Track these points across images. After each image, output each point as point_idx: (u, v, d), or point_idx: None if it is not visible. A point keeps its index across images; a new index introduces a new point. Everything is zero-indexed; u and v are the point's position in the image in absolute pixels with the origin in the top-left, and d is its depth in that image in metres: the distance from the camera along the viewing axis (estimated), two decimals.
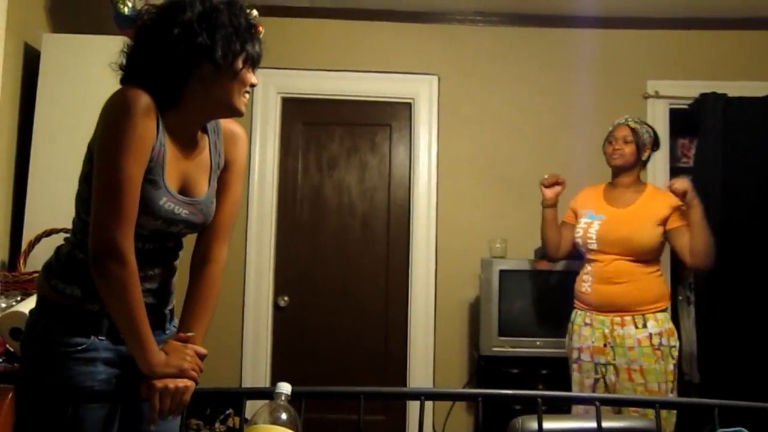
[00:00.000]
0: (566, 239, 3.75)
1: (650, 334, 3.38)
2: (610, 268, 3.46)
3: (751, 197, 4.53)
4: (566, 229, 3.76)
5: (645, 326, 3.39)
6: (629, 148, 3.56)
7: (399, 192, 4.87)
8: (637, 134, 3.57)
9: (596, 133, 3.76)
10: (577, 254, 3.70)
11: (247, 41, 1.85)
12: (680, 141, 5.08)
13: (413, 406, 4.54)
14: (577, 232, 3.63)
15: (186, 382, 1.81)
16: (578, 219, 3.67)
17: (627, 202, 3.57)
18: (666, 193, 3.65)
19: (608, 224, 3.52)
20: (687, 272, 4.97)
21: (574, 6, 4.65)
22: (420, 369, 4.69)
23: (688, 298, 4.99)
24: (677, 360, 3.45)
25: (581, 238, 3.59)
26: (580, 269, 3.64)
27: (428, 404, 4.35)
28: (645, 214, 3.50)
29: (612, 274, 3.46)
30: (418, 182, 4.81)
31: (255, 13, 1.92)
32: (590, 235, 3.54)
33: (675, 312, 4.81)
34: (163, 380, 1.79)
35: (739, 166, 4.57)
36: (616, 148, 3.58)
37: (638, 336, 3.39)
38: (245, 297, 4.70)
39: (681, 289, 5.00)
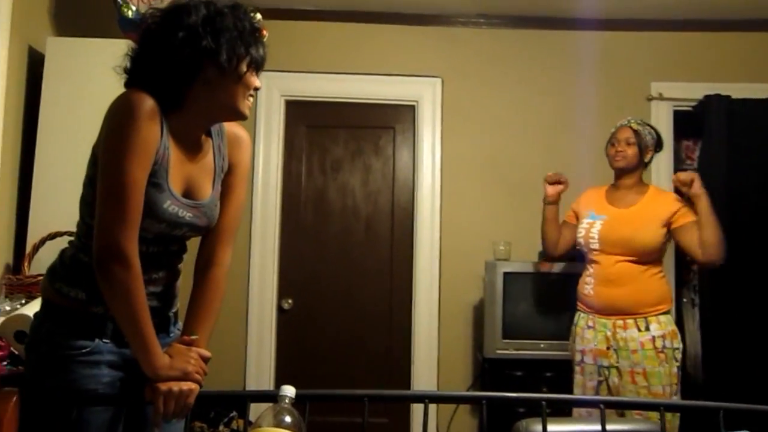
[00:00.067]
0: (565, 238, 3.77)
1: (653, 336, 3.37)
2: (611, 270, 3.46)
3: (755, 199, 4.53)
4: (566, 229, 3.77)
5: (648, 329, 3.38)
6: (632, 149, 3.56)
7: (403, 194, 4.87)
8: (640, 136, 3.57)
9: (600, 136, 3.76)
10: (579, 256, 3.70)
11: (251, 45, 1.86)
12: (684, 143, 5.07)
13: (417, 408, 4.54)
14: (579, 232, 3.63)
15: (190, 385, 1.82)
16: (580, 220, 3.67)
17: (629, 203, 3.57)
18: (668, 193, 3.66)
19: (610, 224, 3.52)
20: (691, 274, 4.96)
21: (577, 8, 4.64)
22: (424, 371, 4.68)
23: (693, 300, 4.97)
24: (681, 362, 3.44)
25: (583, 238, 3.58)
26: (583, 271, 3.64)
27: (432, 407, 4.34)
28: (647, 214, 3.49)
29: (614, 276, 3.45)
30: (422, 185, 4.81)
31: (259, 16, 1.92)
32: (592, 235, 3.54)
33: (679, 314, 4.80)
34: (167, 383, 1.79)
35: (743, 168, 4.57)
36: (619, 150, 3.58)
37: (641, 339, 3.38)
38: (249, 300, 4.70)
39: (685, 291, 4.98)
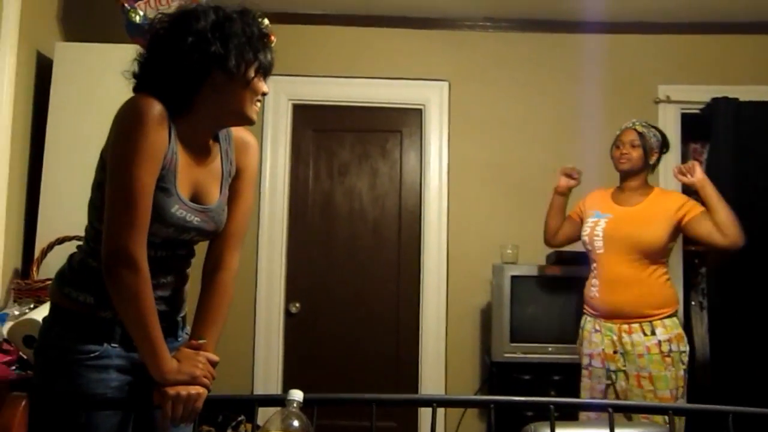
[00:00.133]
0: (564, 231, 3.83)
1: (659, 341, 3.36)
2: (616, 272, 3.45)
3: (764, 201, 4.51)
4: (568, 223, 3.82)
5: (653, 333, 3.37)
6: (636, 152, 3.56)
7: (410, 198, 4.87)
8: (645, 138, 3.57)
9: (607, 139, 3.75)
10: (585, 259, 3.69)
11: (260, 50, 1.86)
12: (692, 146, 5.06)
13: (425, 412, 4.53)
14: (584, 230, 3.64)
15: (198, 389, 1.82)
16: (585, 219, 3.68)
17: (634, 202, 3.57)
18: (672, 191, 3.66)
19: (615, 222, 3.52)
20: (699, 277, 4.96)
21: (584, 11, 4.63)
22: (431, 375, 4.68)
23: (701, 303, 4.97)
24: (687, 365, 3.43)
25: (588, 236, 3.59)
26: (588, 274, 3.64)
27: (440, 411, 4.33)
28: (652, 211, 3.49)
29: (618, 278, 3.45)
30: (429, 188, 4.81)
31: (267, 22, 1.92)
32: (597, 233, 3.54)
33: (687, 317, 4.79)
34: (175, 387, 1.79)
35: (751, 170, 4.56)
36: (624, 153, 3.58)
37: (647, 343, 3.37)
38: (257, 304, 4.71)
39: (693, 294, 4.97)
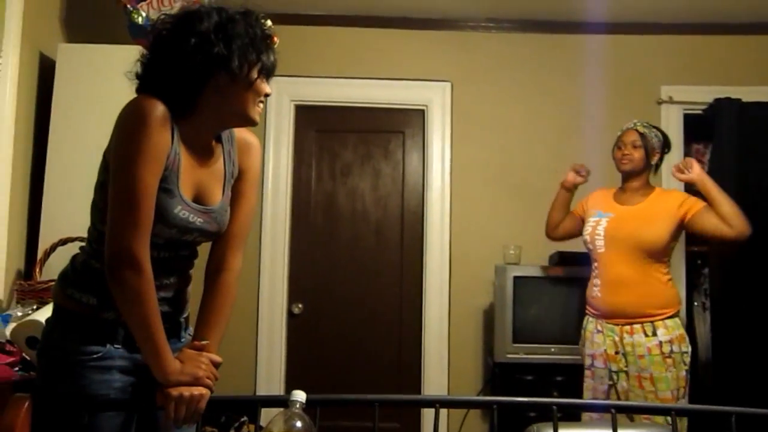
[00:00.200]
0: (565, 225, 3.87)
1: (660, 342, 3.35)
2: (617, 272, 3.46)
3: (766, 202, 4.50)
4: (569, 218, 3.85)
5: (654, 334, 3.37)
6: (638, 153, 3.57)
7: (412, 199, 4.87)
8: (646, 138, 3.58)
9: (610, 139, 3.75)
10: (588, 260, 3.69)
11: (263, 51, 1.86)
12: (695, 146, 5.05)
13: (428, 413, 4.53)
14: (585, 230, 3.64)
15: (201, 390, 1.82)
16: (587, 218, 3.69)
17: (635, 202, 3.58)
18: (673, 191, 3.67)
19: (616, 221, 3.53)
20: (702, 278, 4.95)
21: (587, 12, 4.64)
22: (434, 376, 4.68)
23: (704, 304, 4.96)
24: (690, 366, 3.42)
25: (589, 235, 3.59)
26: (590, 275, 3.64)
27: (443, 411, 4.33)
28: (653, 211, 3.50)
29: (619, 279, 3.45)
30: (432, 189, 4.81)
31: (270, 23, 1.92)
32: (598, 232, 3.55)
33: (690, 318, 4.78)
34: (178, 388, 1.79)
35: (754, 171, 4.55)
36: (625, 153, 3.59)
37: (648, 344, 3.36)
38: (259, 304, 4.71)
39: (696, 295, 4.97)
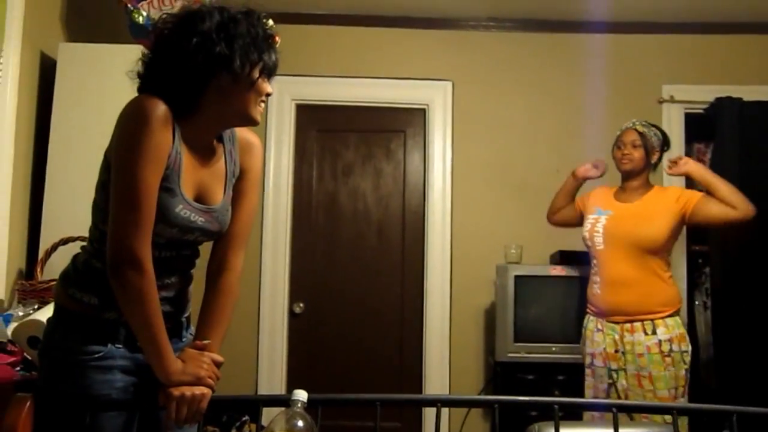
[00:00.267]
0: (565, 212, 3.90)
1: (660, 341, 3.35)
2: (616, 270, 3.46)
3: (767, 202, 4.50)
4: (570, 206, 3.88)
5: (654, 333, 3.37)
6: (638, 152, 3.57)
7: (414, 198, 4.87)
8: (645, 138, 3.58)
9: (611, 139, 3.74)
10: (588, 258, 3.69)
11: (264, 51, 1.86)
12: (696, 146, 5.05)
13: (429, 412, 4.54)
14: (584, 227, 3.65)
15: (203, 390, 1.82)
16: (586, 216, 3.70)
17: (634, 200, 3.58)
18: (669, 187, 3.69)
19: (615, 219, 3.54)
20: (703, 277, 4.95)
21: (588, 11, 4.64)
22: (435, 375, 4.68)
23: (704, 303, 4.96)
24: (690, 365, 3.42)
25: (588, 233, 3.60)
26: (590, 273, 3.64)
27: (444, 411, 4.33)
28: (652, 208, 3.51)
29: (619, 277, 3.45)
30: (433, 188, 4.81)
31: (271, 22, 1.92)
32: (597, 229, 3.56)
33: (691, 317, 4.78)
34: (179, 388, 1.79)
35: (755, 170, 4.54)
36: (625, 153, 3.59)
37: (648, 343, 3.36)
38: (261, 304, 4.71)
39: (697, 294, 4.97)
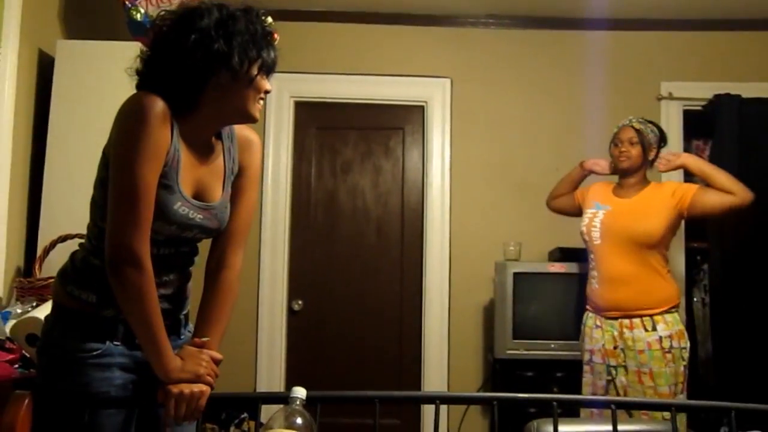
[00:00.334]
0: (563, 200, 3.93)
1: (660, 337, 3.36)
2: (614, 265, 3.46)
3: (766, 198, 4.49)
4: (569, 196, 3.90)
5: (654, 329, 3.37)
6: (635, 149, 3.57)
7: (413, 196, 4.87)
8: (642, 135, 3.58)
9: (610, 136, 3.74)
10: (587, 255, 3.69)
11: (263, 48, 1.85)
12: (695, 143, 5.04)
13: (428, 409, 4.54)
14: (582, 221, 3.66)
15: (202, 387, 1.82)
16: (585, 210, 3.70)
17: (631, 196, 3.59)
18: (665, 182, 3.73)
19: (613, 214, 3.55)
20: (702, 274, 4.95)
21: (587, 8, 4.64)
22: (434, 372, 4.68)
23: (703, 300, 4.96)
24: (689, 361, 3.42)
25: (586, 227, 3.61)
26: (588, 270, 3.65)
27: (443, 408, 4.33)
28: (648, 203, 3.51)
29: (617, 274, 3.46)
30: (432, 186, 4.81)
31: (270, 20, 1.92)
32: (595, 224, 3.56)
33: (690, 314, 4.78)
34: (178, 385, 1.79)
35: (754, 167, 4.53)
36: (623, 150, 3.59)
37: (648, 339, 3.37)
38: (259, 301, 4.71)
39: (696, 291, 4.97)
